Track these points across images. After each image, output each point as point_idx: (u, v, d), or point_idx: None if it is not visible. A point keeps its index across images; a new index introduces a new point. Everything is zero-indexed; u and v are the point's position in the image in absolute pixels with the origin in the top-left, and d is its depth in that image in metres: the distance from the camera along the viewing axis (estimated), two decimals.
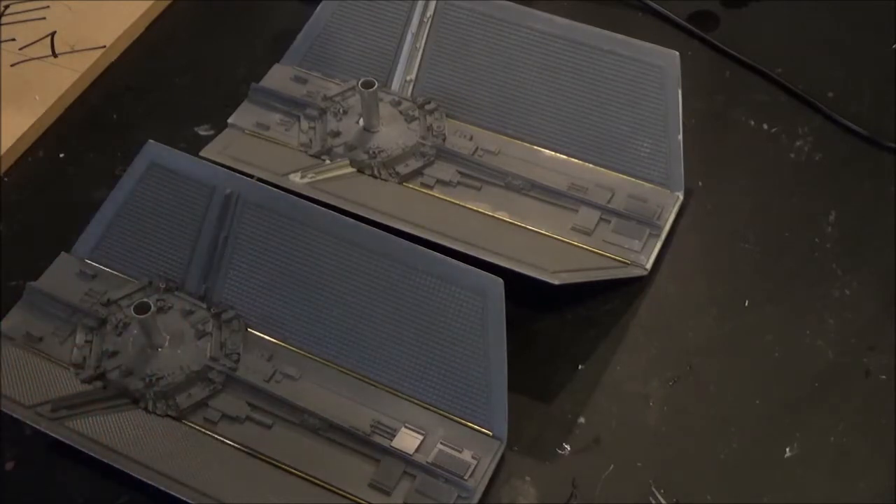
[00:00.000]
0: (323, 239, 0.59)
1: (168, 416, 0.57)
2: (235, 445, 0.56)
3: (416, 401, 0.57)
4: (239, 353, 0.59)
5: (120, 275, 0.63)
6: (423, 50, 0.71)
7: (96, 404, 0.57)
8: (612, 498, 0.55)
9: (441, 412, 0.57)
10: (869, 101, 0.72)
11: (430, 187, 0.66)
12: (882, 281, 0.62)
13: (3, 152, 0.71)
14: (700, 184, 0.68)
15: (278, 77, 0.73)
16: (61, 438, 0.55)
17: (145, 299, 0.58)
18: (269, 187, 0.61)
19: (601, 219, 0.64)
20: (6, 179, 0.71)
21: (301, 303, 0.59)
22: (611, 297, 0.63)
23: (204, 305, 0.61)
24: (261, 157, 0.67)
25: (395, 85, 0.71)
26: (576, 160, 0.67)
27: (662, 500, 0.54)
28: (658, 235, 0.64)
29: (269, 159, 0.67)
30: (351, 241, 0.58)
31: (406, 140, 0.68)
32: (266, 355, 0.59)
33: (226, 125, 0.71)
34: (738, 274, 0.64)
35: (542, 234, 0.64)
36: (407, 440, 0.56)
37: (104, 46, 0.77)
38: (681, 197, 0.66)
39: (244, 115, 0.71)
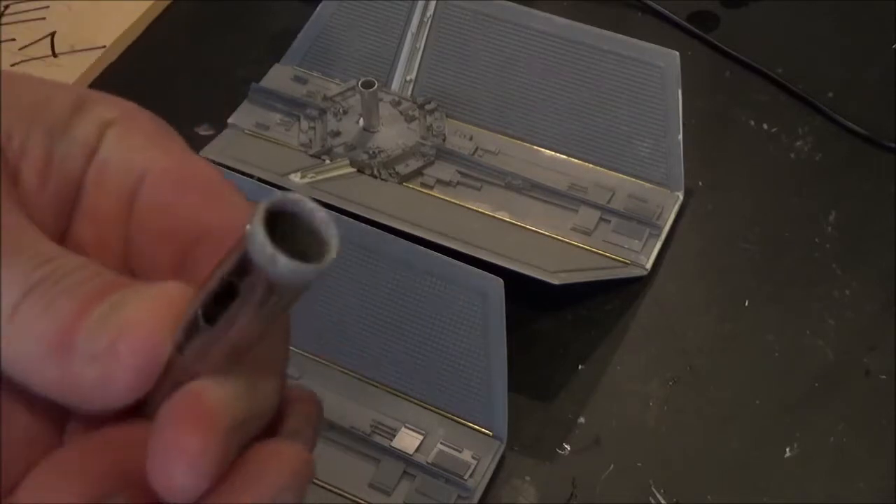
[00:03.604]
0: None
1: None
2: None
3: (416, 401, 0.57)
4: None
5: None
6: (423, 50, 0.71)
7: None
8: (612, 498, 0.55)
9: (441, 412, 0.57)
10: (869, 101, 0.72)
11: (430, 187, 0.66)
12: (882, 281, 0.62)
13: None
14: (700, 184, 0.68)
15: (278, 77, 0.73)
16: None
17: None
18: (270, 187, 0.61)
19: (601, 219, 0.64)
20: None
21: (301, 303, 0.59)
22: (611, 297, 0.63)
23: None
24: (261, 157, 0.67)
25: (395, 85, 0.71)
26: (576, 160, 0.67)
27: (662, 500, 0.54)
28: (658, 235, 0.64)
29: (269, 159, 0.67)
30: (350, 240, 0.58)
31: (406, 140, 0.68)
32: None
33: (226, 125, 0.71)
34: (738, 274, 0.64)
35: (542, 234, 0.64)
36: (407, 440, 0.56)
37: (104, 46, 0.77)
38: (681, 197, 0.66)
39: (244, 115, 0.71)
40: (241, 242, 0.20)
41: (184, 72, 0.77)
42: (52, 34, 0.78)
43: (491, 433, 0.56)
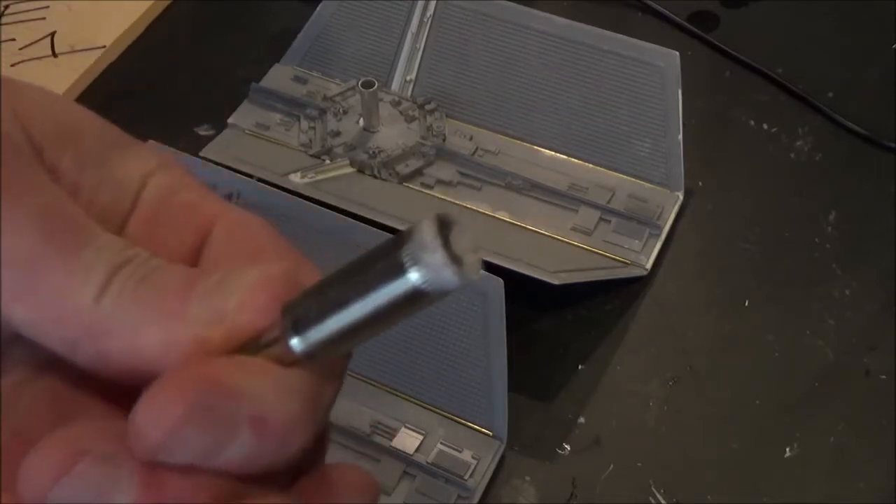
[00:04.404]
0: (323, 239, 0.59)
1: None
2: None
3: (416, 401, 0.57)
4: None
5: None
6: (423, 50, 0.71)
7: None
8: (612, 498, 0.55)
9: (441, 412, 0.57)
10: (869, 101, 0.72)
11: (431, 187, 0.66)
12: (882, 281, 0.62)
13: None
14: (700, 184, 0.68)
15: (278, 77, 0.73)
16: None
17: None
18: (270, 187, 0.61)
19: (601, 219, 0.64)
20: None
21: None
22: (611, 297, 0.63)
23: None
24: (261, 157, 0.67)
25: (395, 85, 0.71)
26: (576, 160, 0.67)
27: (662, 500, 0.55)
28: (658, 235, 0.64)
29: (269, 159, 0.67)
30: (351, 240, 0.58)
31: (406, 140, 0.68)
32: None
33: (226, 125, 0.71)
34: (738, 274, 0.64)
35: (542, 234, 0.64)
36: (407, 440, 0.56)
37: (104, 46, 0.77)
38: (681, 197, 0.66)
39: (244, 115, 0.71)
40: (391, 247, 0.20)
41: (184, 72, 0.77)
42: (52, 34, 0.78)
43: (491, 433, 0.56)
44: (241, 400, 0.21)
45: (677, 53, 0.65)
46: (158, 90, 0.76)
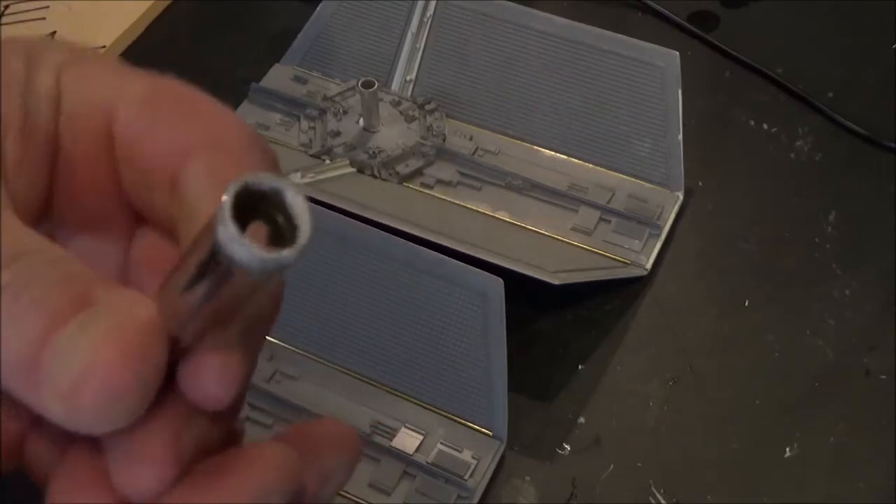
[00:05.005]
0: (323, 239, 0.59)
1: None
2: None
3: (416, 401, 0.57)
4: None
5: None
6: (423, 50, 0.71)
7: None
8: (612, 498, 0.55)
9: (441, 412, 0.57)
10: (869, 101, 0.72)
11: (431, 187, 0.66)
12: (882, 281, 0.62)
13: None
14: (700, 184, 0.68)
15: (278, 77, 0.73)
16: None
17: None
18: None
19: (601, 219, 0.64)
20: None
21: (301, 303, 0.59)
22: (611, 297, 0.63)
23: None
24: None
25: (395, 85, 0.71)
26: (576, 160, 0.67)
27: (662, 500, 0.55)
28: (658, 235, 0.64)
29: None
30: (351, 240, 0.58)
31: (406, 140, 0.68)
32: (266, 354, 0.59)
33: None
34: (738, 274, 0.64)
35: (542, 234, 0.64)
36: (407, 440, 0.56)
37: (104, 46, 0.77)
38: (681, 197, 0.66)
39: (244, 115, 0.71)
40: (208, 228, 0.20)
41: (184, 72, 0.76)
42: (52, 34, 0.78)
43: (491, 433, 0.56)
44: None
45: (677, 53, 0.65)
46: None
